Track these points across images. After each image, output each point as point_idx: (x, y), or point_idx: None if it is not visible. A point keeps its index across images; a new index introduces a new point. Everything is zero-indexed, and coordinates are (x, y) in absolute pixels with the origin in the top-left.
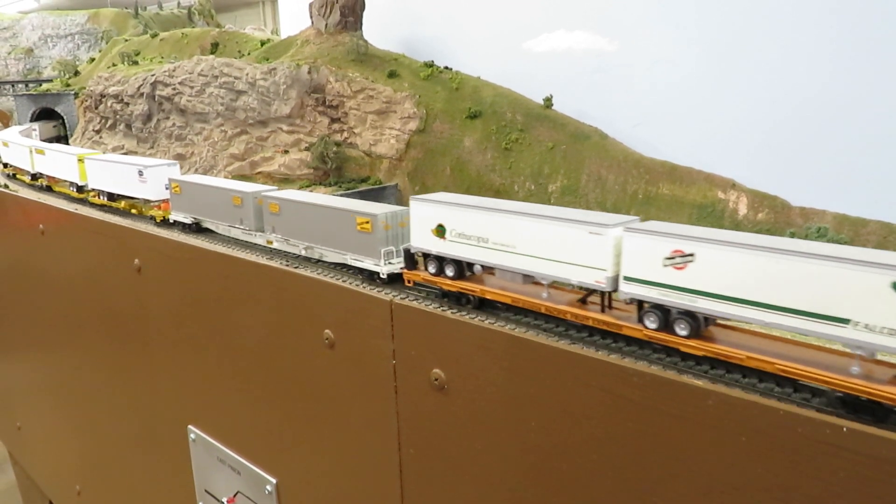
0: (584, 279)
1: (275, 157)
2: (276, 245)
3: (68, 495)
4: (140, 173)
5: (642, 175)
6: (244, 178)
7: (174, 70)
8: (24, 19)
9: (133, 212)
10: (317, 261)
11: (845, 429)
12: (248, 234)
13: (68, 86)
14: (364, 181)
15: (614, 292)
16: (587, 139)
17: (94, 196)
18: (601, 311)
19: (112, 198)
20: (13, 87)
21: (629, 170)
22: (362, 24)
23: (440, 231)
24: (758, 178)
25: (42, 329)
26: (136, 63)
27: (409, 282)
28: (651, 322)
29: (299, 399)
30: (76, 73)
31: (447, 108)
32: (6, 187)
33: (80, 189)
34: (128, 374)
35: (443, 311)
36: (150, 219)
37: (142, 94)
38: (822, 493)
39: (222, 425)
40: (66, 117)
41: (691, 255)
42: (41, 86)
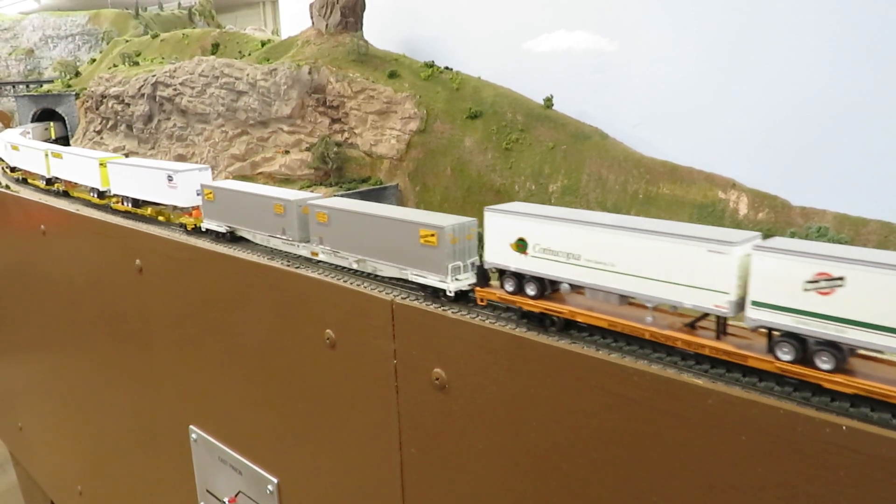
0: (701, 303)
1: (276, 157)
2: (322, 257)
3: (70, 495)
4: (169, 178)
5: (643, 175)
6: (245, 178)
7: (175, 71)
8: (24, 20)
9: (161, 219)
10: (370, 275)
11: (845, 427)
12: (291, 244)
13: (69, 86)
14: (365, 181)
15: (733, 317)
16: (588, 139)
17: (117, 202)
18: (716, 337)
19: (137, 204)
20: (14, 87)
21: (630, 169)
22: (363, 24)
23: (521, 246)
24: (758, 177)
25: (43, 329)
26: (136, 64)
27: (481, 300)
28: (785, 353)
29: (300, 399)
30: (77, 73)
31: (448, 109)
32: (7, 188)
33: (102, 195)
34: (129, 374)
35: (443, 310)
36: (180, 227)
37: (143, 95)
38: (822, 491)
39: (224, 425)
40: (67, 118)
41: (840, 278)
42: (42, 87)
